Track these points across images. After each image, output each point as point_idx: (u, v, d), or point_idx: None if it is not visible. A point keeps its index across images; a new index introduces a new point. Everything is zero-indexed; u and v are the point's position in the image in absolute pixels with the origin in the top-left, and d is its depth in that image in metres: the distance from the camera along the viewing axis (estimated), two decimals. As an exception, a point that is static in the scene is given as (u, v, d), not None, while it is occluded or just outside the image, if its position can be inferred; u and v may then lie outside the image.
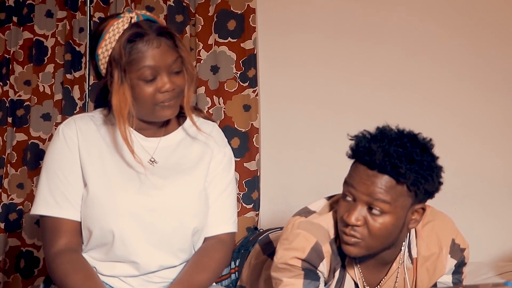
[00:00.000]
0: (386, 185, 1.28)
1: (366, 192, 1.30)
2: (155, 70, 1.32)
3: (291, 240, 1.41)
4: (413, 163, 1.27)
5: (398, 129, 1.35)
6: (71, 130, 1.40)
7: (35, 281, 2.70)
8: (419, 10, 2.58)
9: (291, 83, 2.69)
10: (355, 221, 1.31)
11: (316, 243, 1.39)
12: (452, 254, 1.47)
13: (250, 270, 1.85)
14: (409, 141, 1.30)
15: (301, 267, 1.38)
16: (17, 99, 2.81)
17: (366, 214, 1.31)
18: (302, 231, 1.41)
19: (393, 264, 1.47)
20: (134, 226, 1.36)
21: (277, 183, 2.68)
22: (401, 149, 1.27)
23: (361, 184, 1.31)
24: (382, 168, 1.27)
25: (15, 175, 2.77)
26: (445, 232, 1.48)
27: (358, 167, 1.33)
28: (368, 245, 1.34)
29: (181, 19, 2.69)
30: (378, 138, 1.32)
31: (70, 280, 1.31)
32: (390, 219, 1.31)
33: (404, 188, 1.29)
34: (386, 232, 1.32)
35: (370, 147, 1.30)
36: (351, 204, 1.33)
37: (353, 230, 1.33)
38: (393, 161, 1.26)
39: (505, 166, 2.47)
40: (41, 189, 1.39)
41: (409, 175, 1.27)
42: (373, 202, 1.30)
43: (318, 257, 1.39)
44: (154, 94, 1.33)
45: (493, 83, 2.51)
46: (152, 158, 1.43)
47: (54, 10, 2.80)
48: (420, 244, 1.46)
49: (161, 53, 1.32)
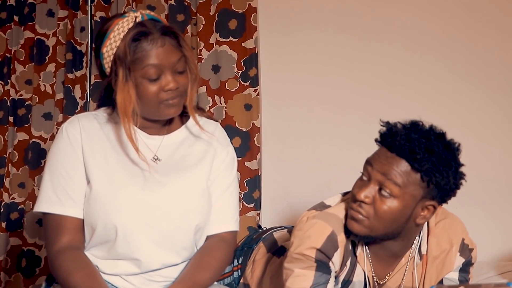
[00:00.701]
0: (401, 169, 1.33)
1: (381, 171, 1.35)
2: (159, 69, 1.33)
3: (306, 229, 1.44)
4: (431, 153, 1.31)
5: (431, 126, 1.39)
6: (75, 128, 1.41)
7: (36, 280, 2.71)
8: (421, 8, 2.58)
9: (293, 82, 2.69)
10: (363, 197, 1.36)
11: (332, 232, 1.43)
12: (461, 252, 1.50)
13: (254, 268, 1.86)
14: (435, 135, 1.35)
15: (314, 258, 1.41)
16: (18, 98, 2.80)
17: (376, 193, 1.36)
18: (318, 220, 1.45)
19: (402, 258, 1.49)
20: (137, 223, 1.37)
21: (278, 182, 2.68)
22: (424, 140, 1.32)
23: (378, 163, 1.36)
24: (400, 151, 1.32)
25: (17, 175, 2.77)
26: (456, 231, 1.50)
27: (380, 150, 1.39)
28: (372, 225, 1.37)
29: (182, 18, 2.69)
30: (406, 126, 1.37)
31: (73, 278, 1.31)
32: (397, 204, 1.35)
33: (418, 177, 1.33)
34: (391, 216, 1.36)
35: (395, 131, 1.36)
36: (364, 183, 1.39)
37: (360, 206, 1.38)
38: (412, 146, 1.31)
39: (506, 165, 2.48)
40: (44, 187, 1.40)
41: (425, 164, 1.31)
42: (384, 182, 1.34)
43: (333, 247, 1.43)
44: (158, 93, 1.35)
45: (494, 82, 2.51)
46: (155, 156, 1.44)
47: (55, 10, 2.80)
48: (431, 241, 1.48)
49: (165, 52, 1.33)
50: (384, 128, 1.41)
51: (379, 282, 1.51)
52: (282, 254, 1.79)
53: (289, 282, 1.44)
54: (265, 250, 1.89)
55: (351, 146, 2.60)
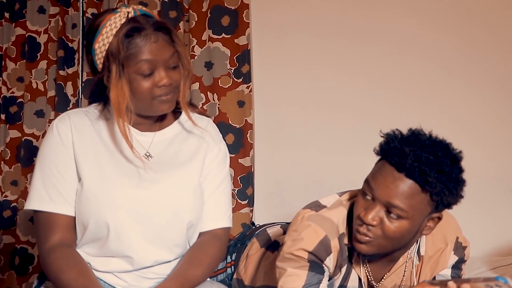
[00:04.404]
0: (409, 191, 1.28)
1: (388, 194, 1.29)
2: (153, 65, 1.32)
3: (300, 231, 1.42)
4: (442, 173, 1.27)
5: (430, 135, 1.34)
6: (65, 125, 1.40)
7: (29, 278, 2.70)
8: (412, 11, 2.58)
9: (285, 79, 2.69)
10: (371, 221, 1.31)
11: (325, 237, 1.40)
12: (456, 251, 1.50)
13: (247, 262, 1.86)
14: (441, 150, 1.29)
15: (307, 259, 1.40)
16: (10, 95, 2.79)
17: (384, 215, 1.31)
18: (313, 223, 1.41)
19: (400, 259, 1.48)
20: (129, 220, 1.37)
21: (271, 179, 2.68)
22: (432, 157, 1.26)
23: (383, 187, 1.29)
24: (410, 172, 1.26)
25: (9, 172, 2.76)
26: (450, 230, 1.50)
27: (385, 167, 1.31)
28: (380, 244, 1.34)
29: (174, 15, 2.68)
30: (410, 141, 1.30)
31: (65, 275, 1.31)
32: (406, 224, 1.31)
33: (427, 196, 1.29)
34: (399, 236, 1.33)
35: (402, 149, 1.28)
36: (369, 203, 1.33)
37: (367, 229, 1.33)
38: (423, 167, 1.25)
39: (497, 162, 2.49)
40: (35, 184, 1.39)
41: (436, 184, 1.26)
42: (391, 208, 1.29)
43: (326, 251, 1.40)
44: (151, 89, 1.34)
45: (485, 82, 2.52)
46: (147, 153, 1.43)
47: (46, 6, 2.79)
48: (428, 240, 1.48)
49: (159, 47, 1.32)
50: (384, 140, 1.34)
51: (375, 285, 1.50)
52: (276, 249, 1.78)
53: (282, 281, 1.43)
54: (259, 245, 1.89)
55: (344, 142, 2.60)
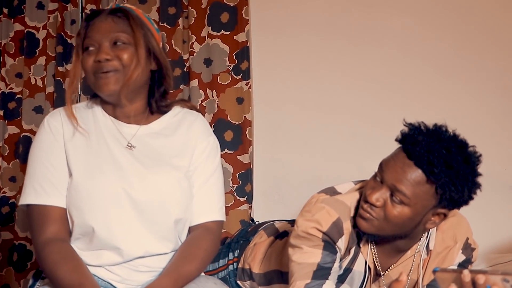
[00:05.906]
0: (415, 179, 1.32)
1: (395, 178, 1.34)
2: (96, 41, 1.40)
3: (313, 212, 1.46)
4: (450, 168, 1.29)
5: (454, 133, 1.37)
6: (56, 120, 1.45)
7: (28, 274, 2.70)
8: (410, 12, 2.58)
9: (284, 76, 2.68)
10: (374, 201, 1.37)
11: (338, 219, 1.44)
12: (464, 250, 1.52)
13: (255, 250, 1.88)
14: (456, 147, 1.33)
15: (321, 238, 1.43)
16: (8, 91, 2.79)
17: (388, 198, 1.36)
18: (326, 205, 1.46)
19: (408, 251, 1.51)
20: (116, 212, 1.38)
21: (270, 175, 2.68)
22: (445, 151, 1.30)
23: (392, 171, 1.35)
24: (419, 161, 1.31)
25: (7, 168, 2.75)
26: (462, 230, 1.52)
27: (399, 153, 1.37)
28: (380, 226, 1.38)
29: (173, 11, 2.67)
30: (428, 132, 1.35)
31: (59, 270, 1.32)
32: (408, 211, 1.35)
33: (432, 188, 1.32)
34: (400, 221, 1.36)
35: (417, 138, 1.33)
36: (377, 184, 1.39)
37: (371, 208, 1.38)
38: (431, 158, 1.29)
39: (496, 160, 2.49)
40: (28, 180, 1.41)
41: (441, 178, 1.29)
42: (395, 192, 1.34)
43: (338, 233, 1.44)
44: (92, 64, 1.40)
45: (483, 81, 2.52)
46: (129, 144, 1.45)
47: (45, 2, 2.78)
48: (437, 236, 1.49)
49: (107, 26, 1.41)
50: (406, 129, 1.39)
51: (381, 273, 1.52)
52: (285, 237, 1.80)
53: (296, 257, 1.46)
54: (266, 235, 1.91)
55: (343, 139, 2.60)
